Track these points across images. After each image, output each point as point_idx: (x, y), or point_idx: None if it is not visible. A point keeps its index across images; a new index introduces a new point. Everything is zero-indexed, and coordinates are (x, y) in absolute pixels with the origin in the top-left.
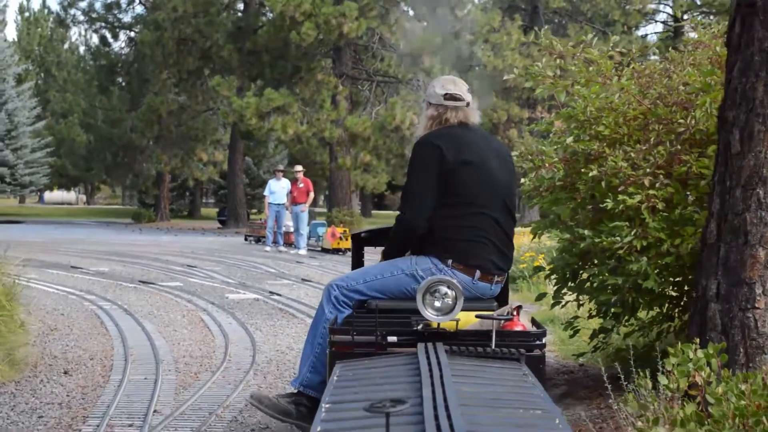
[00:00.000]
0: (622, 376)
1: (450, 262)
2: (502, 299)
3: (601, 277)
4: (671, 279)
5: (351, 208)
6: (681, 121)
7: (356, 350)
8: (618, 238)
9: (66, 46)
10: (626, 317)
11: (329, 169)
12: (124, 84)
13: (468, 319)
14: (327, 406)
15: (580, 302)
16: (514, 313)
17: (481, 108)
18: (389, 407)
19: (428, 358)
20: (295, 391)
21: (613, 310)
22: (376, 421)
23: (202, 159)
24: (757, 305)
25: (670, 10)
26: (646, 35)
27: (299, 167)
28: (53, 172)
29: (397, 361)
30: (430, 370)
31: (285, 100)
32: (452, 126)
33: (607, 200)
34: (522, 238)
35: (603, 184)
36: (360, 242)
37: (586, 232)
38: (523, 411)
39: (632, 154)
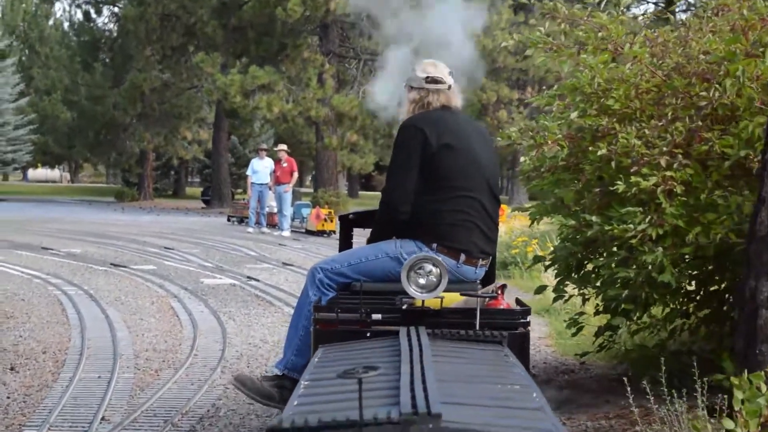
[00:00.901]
0: (651, 396)
1: (435, 245)
2: (487, 284)
3: (609, 269)
4: (689, 272)
5: (337, 189)
6: (703, 93)
7: (340, 328)
8: (630, 226)
9: (51, 22)
10: (638, 314)
11: (315, 149)
12: (107, 60)
13: (453, 298)
14: (306, 383)
15: (585, 297)
16: (499, 291)
17: (470, 88)
18: (361, 373)
19: (409, 338)
20: (279, 373)
21: (623, 306)
22: (352, 393)
23: (187, 137)
24: None
25: None
26: (636, 17)
27: (283, 146)
28: (36, 149)
29: (379, 344)
30: (410, 348)
31: (270, 77)
32: (435, 110)
33: (618, 182)
34: (513, 221)
35: (613, 164)
36: (348, 224)
37: (593, 218)
38: (500, 386)
39: (646, 131)
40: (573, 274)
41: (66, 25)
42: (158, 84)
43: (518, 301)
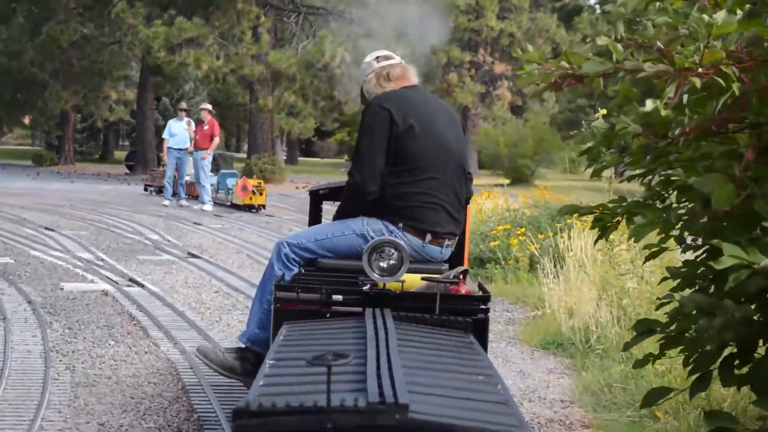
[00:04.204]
0: None
1: (400, 225)
2: (457, 263)
3: None
4: None
5: (275, 155)
6: None
7: (301, 308)
8: None
9: None
10: None
11: (249, 111)
12: (26, 12)
13: (414, 282)
14: (271, 362)
15: None
16: (460, 276)
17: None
18: (331, 360)
19: (375, 321)
20: (242, 346)
21: None
22: (319, 377)
23: (111, 97)
24: None
25: None
26: None
27: (206, 105)
28: None
29: (344, 324)
30: (376, 333)
31: (199, 30)
32: (400, 89)
33: None
34: (483, 200)
35: None
36: (318, 198)
37: None
38: (465, 376)
39: None
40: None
41: None
42: (77, 37)
43: (480, 287)
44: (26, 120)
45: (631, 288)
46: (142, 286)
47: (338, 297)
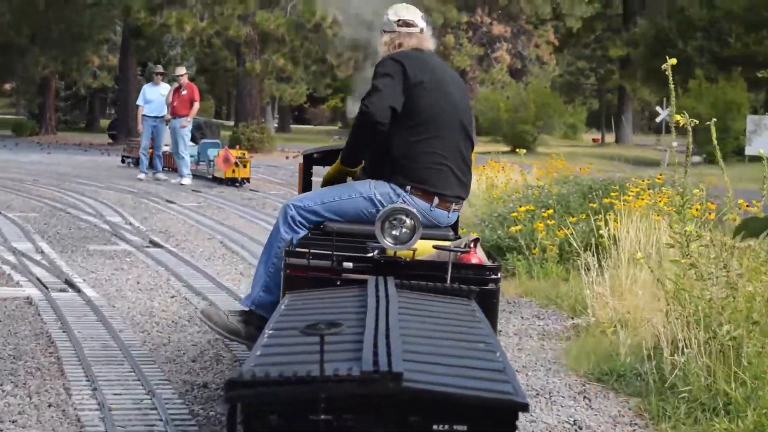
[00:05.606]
0: None
1: (408, 188)
2: (454, 228)
3: None
4: None
5: (263, 123)
6: None
7: (311, 274)
8: None
9: None
10: None
11: (235, 76)
12: None
13: (425, 249)
14: (270, 332)
15: None
16: (471, 245)
17: None
18: (324, 329)
19: (377, 291)
20: (246, 309)
21: None
22: (316, 347)
23: (93, 62)
24: None
25: None
26: None
27: (182, 69)
28: None
29: (346, 293)
30: (377, 301)
31: None
32: (410, 49)
33: None
34: (494, 173)
35: None
36: (311, 162)
37: None
38: (464, 344)
39: None
40: None
41: None
42: None
43: (490, 255)
44: (7, 87)
45: (716, 299)
46: (78, 290)
47: (349, 264)
